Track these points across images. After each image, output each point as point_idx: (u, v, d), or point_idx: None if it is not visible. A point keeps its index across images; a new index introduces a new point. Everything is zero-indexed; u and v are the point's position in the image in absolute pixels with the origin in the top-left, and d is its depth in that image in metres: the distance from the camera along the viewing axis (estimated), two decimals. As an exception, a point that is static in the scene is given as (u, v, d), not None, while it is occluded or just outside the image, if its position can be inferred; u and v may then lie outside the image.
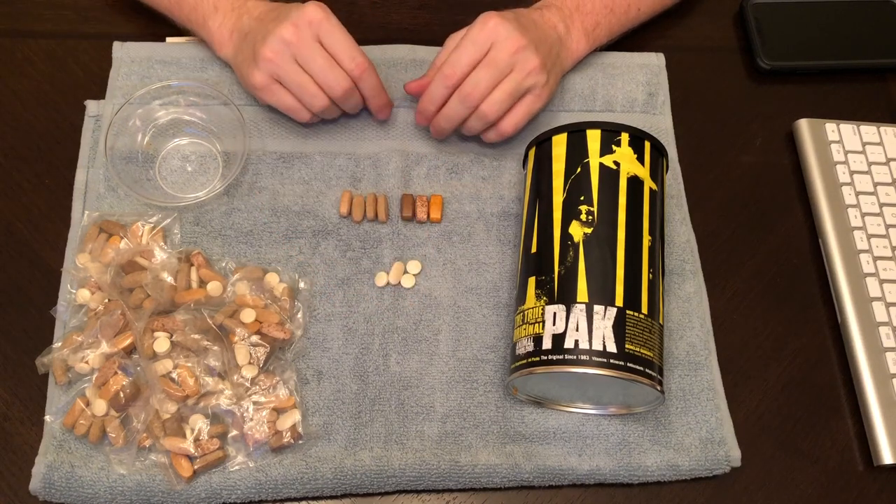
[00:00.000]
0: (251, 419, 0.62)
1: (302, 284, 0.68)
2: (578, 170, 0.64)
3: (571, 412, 0.65)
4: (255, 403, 0.62)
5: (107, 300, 0.65)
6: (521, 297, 0.63)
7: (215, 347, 0.63)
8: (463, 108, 0.68)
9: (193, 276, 0.66)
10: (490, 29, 0.67)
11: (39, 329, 0.66)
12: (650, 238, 0.62)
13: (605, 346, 0.58)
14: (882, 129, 0.78)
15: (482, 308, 0.69)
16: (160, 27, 0.79)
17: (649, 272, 0.61)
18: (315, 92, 0.67)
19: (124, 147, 0.71)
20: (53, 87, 0.76)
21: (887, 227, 0.74)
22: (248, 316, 0.64)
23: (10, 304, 0.67)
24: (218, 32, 0.71)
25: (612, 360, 0.57)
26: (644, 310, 0.60)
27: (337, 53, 0.67)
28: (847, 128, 0.78)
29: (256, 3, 0.71)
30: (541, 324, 0.60)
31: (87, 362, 0.62)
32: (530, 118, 0.71)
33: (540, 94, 0.70)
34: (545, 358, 0.58)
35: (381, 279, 0.69)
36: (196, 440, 0.61)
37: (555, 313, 0.60)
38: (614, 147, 0.64)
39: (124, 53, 0.77)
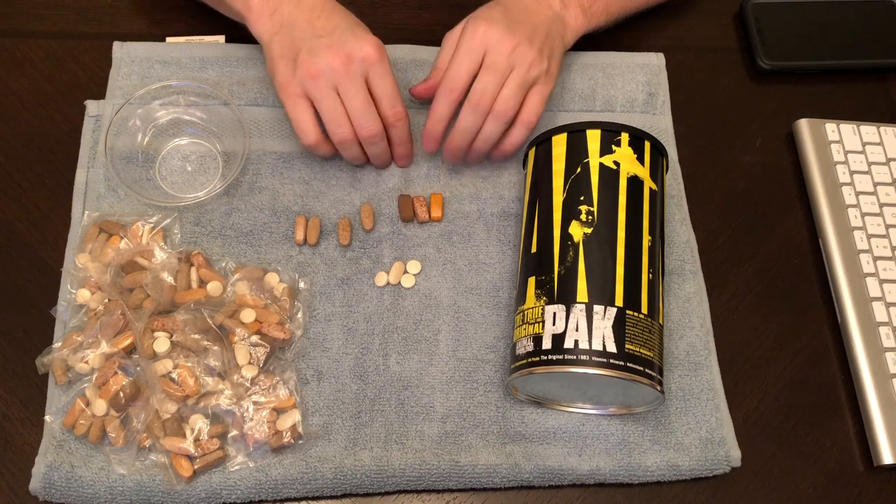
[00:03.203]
0: (251, 419, 0.62)
1: (302, 284, 0.68)
2: (578, 170, 0.64)
3: (571, 412, 0.65)
4: (255, 403, 0.62)
5: (107, 300, 0.65)
6: (521, 297, 0.63)
7: (215, 347, 0.63)
8: (476, 117, 0.67)
9: (193, 276, 0.66)
10: (481, 35, 0.66)
11: (39, 329, 0.66)
12: (650, 238, 0.62)
13: (604, 346, 0.58)
14: (882, 129, 0.78)
15: (482, 308, 0.69)
16: (160, 27, 0.79)
17: (649, 272, 0.61)
18: (343, 123, 0.66)
19: (124, 147, 0.71)
20: (53, 87, 0.76)
21: (887, 227, 0.74)
22: (248, 316, 0.64)
23: (10, 304, 0.67)
24: (258, 7, 0.68)
25: (611, 361, 0.57)
26: (644, 310, 0.60)
27: (379, 98, 0.66)
28: (847, 128, 0.78)
29: None
30: (540, 324, 0.60)
31: (87, 362, 0.62)
32: (546, 103, 0.70)
33: (546, 81, 0.69)
34: (545, 358, 0.58)
35: (381, 279, 0.69)
36: (196, 440, 0.61)
37: (554, 313, 0.60)
38: (614, 147, 0.64)
39: (124, 53, 0.76)
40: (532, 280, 0.62)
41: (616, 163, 0.64)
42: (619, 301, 0.59)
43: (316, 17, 0.67)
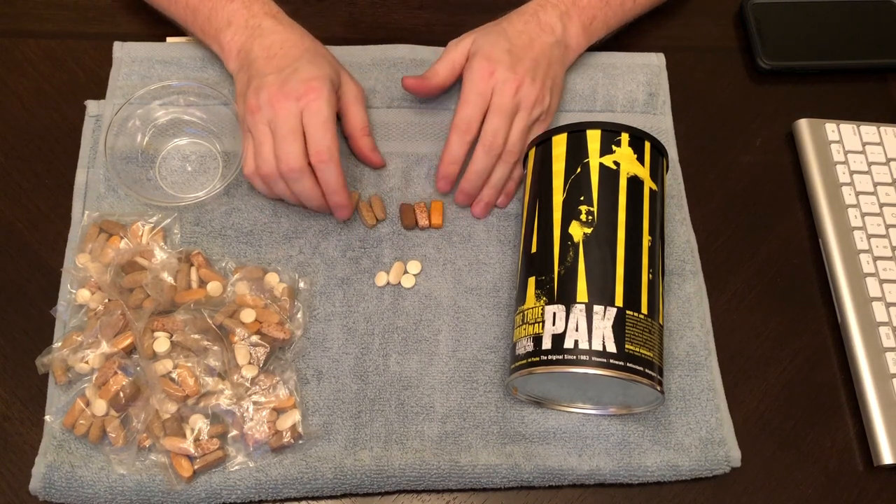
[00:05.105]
0: (251, 419, 0.62)
1: (302, 284, 0.68)
2: (578, 170, 0.64)
3: (571, 412, 0.65)
4: (255, 403, 0.62)
5: (107, 300, 0.65)
6: (521, 297, 0.63)
7: (215, 347, 0.63)
8: (490, 159, 0.69)
9: (193, 276, 0.66)
10: (487, 77, 0.69)
11: (39, 329, 0.66)
12: (650, 238, 0.62)
13: (604, 347, 0.58)
14: (882, 129, 0.78)
15: (482, 308, 0.69)
16: (160, 27, 0.79)
17: (649, 272, 0.61)
18: (268, 157, 0.65)
19: (124, 147, 0.71)
20: (53, 87, 0.76)
21: (887, 227, 0.74)
22: (248, 316, 0.64)
23: (10, 304, 0.67)
24: (228, 46, 0.70)
25: (611, 361, 0.57)
26: (644, 310, 0.60)
27: (308, 136, 0.64)
28: (847, 128, 0.78)
29: (273, 26, 0.69)
30: (540, 324, 0.60)
31: (87, 362, 0.62)
32: None
33: (545, 118, 0.72)
34: (545, 358, 0.58)
35: (381, 279, 0.69)
36: (196, 440, 0.61)
37: (554, 313, 0.60)
38: (614, 147, 0.64)
39: (124, 53, 0.77)
40: (532, 280, 0.62)
41: (616, 163, 0.64)
42: (619, 301, 0.59)
43: (273, 55, 0.67)
